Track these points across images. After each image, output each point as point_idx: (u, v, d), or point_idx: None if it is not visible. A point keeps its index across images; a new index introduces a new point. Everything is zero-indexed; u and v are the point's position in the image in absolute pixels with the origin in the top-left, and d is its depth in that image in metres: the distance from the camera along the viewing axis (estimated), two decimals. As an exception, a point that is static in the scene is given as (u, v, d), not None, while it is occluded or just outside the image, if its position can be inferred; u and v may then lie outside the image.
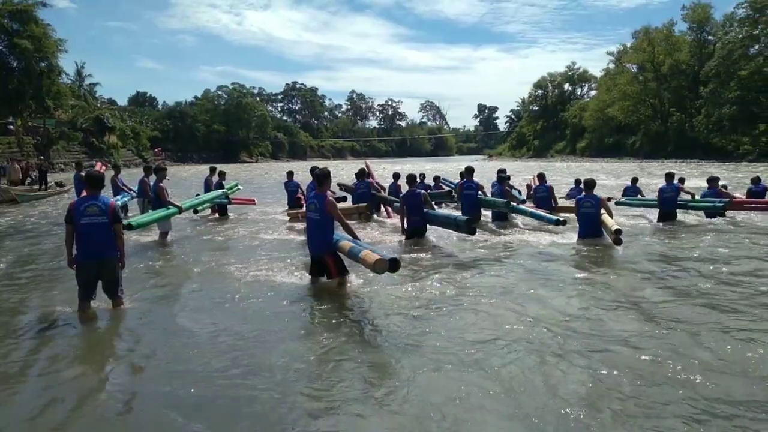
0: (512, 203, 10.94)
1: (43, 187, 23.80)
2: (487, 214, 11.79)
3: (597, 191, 9.16)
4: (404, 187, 10.31)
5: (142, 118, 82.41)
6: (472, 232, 8.56)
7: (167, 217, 9.92)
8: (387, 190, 13.66)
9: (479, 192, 11.10)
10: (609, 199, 13.16)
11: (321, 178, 6.51)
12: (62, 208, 13.40)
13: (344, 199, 12.89)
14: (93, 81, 75.63)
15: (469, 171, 11.28)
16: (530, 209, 10.90)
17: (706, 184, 11.86)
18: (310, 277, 6.55)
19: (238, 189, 15.23)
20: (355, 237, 6.31)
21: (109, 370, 4.21)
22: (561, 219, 9.90)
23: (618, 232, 8.08)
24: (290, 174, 14.50)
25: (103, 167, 12.93)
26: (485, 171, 28.15)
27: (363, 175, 12.93)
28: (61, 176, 31.04)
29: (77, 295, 5.40)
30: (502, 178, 11.39)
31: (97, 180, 5.49)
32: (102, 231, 5.27)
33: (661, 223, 11.08)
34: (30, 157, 39.65)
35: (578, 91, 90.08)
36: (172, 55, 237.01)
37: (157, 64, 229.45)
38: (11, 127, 46.40)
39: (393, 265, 5.49)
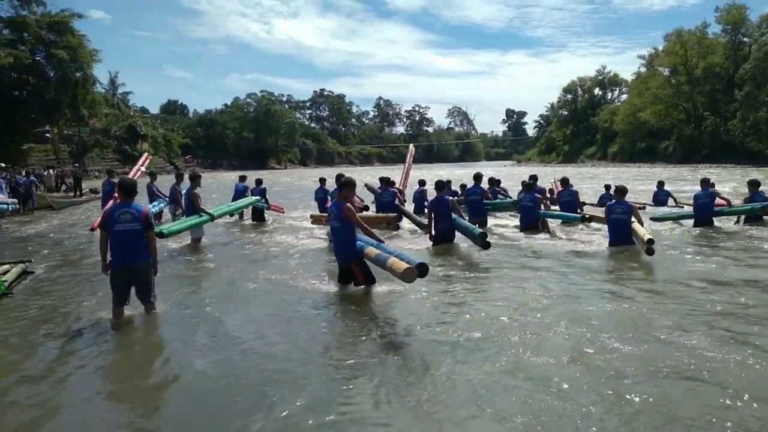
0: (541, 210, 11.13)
1: (78, 193, 24.48)
2: (517, 223, 11.70)
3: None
4: (431, 194, 10.31)
5: (173, 125, 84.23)
6: (486, 246, 8.49)
7: (199, 225, 10.07)
8: (413, 197, 13.71)
9: (484, 198, 11.62)
10: (643, 207, 12.91)
11: (342, 185, 6.54)
12: (96, 214, 13.70)
13: (366, 208, 12.81)
14: (126, 90, 77.53)
15: (476, 178, 11.90)
16: (554, 212, 11.25)
17: (747, 189, 11.39)
18: (339, 284, 6.55)
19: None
20: (378, 241, 6.33)
21: (139, 375, 4.28)
22: (586, 215, 10.56)
23: (651, 242, 7.74)
24: (322, 180, 14.56)
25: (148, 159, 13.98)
26: (513, 175, 27.85)
27: (388, 183, 12.90)
28: (96, 183, 31.75)
29: (111, 301, 5.50)
30: (529, 185, 11.30)
31: (129, 187, 5.57)
32: (135, 238, 5.36)
33: (696, 229, 10.74)
34: (65, 165, 40.74)
35: (609, 95, 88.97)
36: (201, 63, 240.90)
37: (188, 73, 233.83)
38: (48, 135, 47.76)
39: (422, 270, 5.48)
